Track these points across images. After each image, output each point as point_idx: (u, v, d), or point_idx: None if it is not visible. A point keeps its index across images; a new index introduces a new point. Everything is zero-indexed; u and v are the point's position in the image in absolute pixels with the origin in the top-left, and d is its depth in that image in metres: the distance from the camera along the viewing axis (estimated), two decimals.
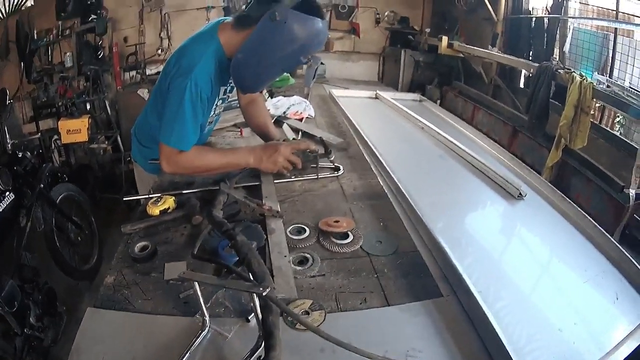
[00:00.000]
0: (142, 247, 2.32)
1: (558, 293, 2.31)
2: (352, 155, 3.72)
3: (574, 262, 2.53)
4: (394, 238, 2.49)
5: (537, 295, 2.29)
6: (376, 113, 5.30)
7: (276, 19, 2.44)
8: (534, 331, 1.99)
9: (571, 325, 2.00)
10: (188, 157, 2.76)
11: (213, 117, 3.11)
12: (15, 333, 3.37)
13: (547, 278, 2.45)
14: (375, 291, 2.08)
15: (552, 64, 4.99)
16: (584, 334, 1.97)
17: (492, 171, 3.35)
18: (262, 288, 1.62)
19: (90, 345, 1.73)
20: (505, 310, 2.01)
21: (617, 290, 2.25)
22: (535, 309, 2.17)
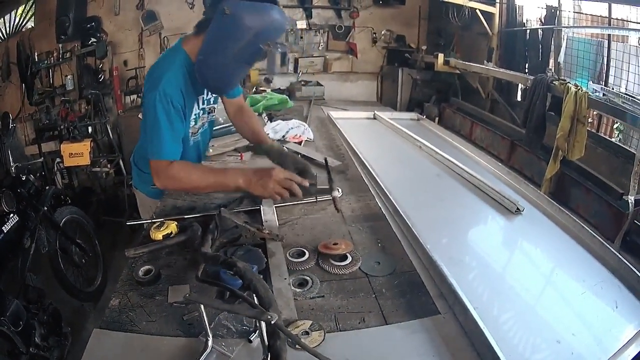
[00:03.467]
0: (146, 270, 2.36)
1: (556, 305, 2.33)
2: (350, 177, 3.76)
3: (572, 273, 2.56)
4: (392, 258, 2.53)
5: (535, 308, 2.31)
6: (374, 134, 5.32)
7: (226, 12, 2.51)
8: (532, 345, 2.01)
9: (569, 336, 2.02)
10: (175, 171, 2.79)
11: (197, 128, 3.18)
12: (21, 352, 3.40)
13: (545, 291, 2.46)
14: (373, 311, 2.12)
15: (546, 76, 5.02)
16: (583, 344, 1.99)
17: (490, 187, 3.38)
18: (270, 316, 1.64)
19: None
20: (503, 326, 2.05)
21: (616, 299, 2.27)
22: (533, 322, 2.18)
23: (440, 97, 7.55)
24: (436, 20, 8.23)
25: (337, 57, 8.61)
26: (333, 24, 8.52)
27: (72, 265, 5.15)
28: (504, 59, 6.73)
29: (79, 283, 5.15)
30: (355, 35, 8.55)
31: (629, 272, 2.41)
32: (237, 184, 2.77)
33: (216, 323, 2.01)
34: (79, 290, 5.03)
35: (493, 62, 6.63)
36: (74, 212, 5.45)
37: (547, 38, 6.19)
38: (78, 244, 5.27)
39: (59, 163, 6.91)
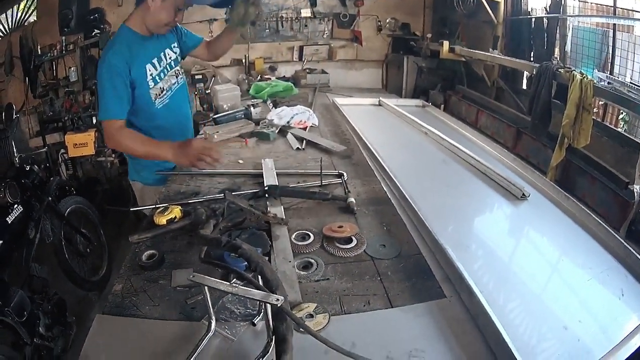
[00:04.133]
0: (149, 255, 2.36)
1: (563, 291, 2.31)
2: (355, 162, 3.75)
3: (578, 260, 2.54)
4: (397, 242, 2.51)
5: (541, 294, 2.30)
6: (379, 120, 5.30)
7: None
8: (539, 330, 2.00)
9: (576, 323, 2.00)
10: (118, 134, 3.10)
11: (160, 89, 3.38)
12: (25, 343, 3.38)
13: (552, 277, 2.45)
14: (378, 294, 2.10)
15: (552, 64, 4.99)
16: (589, 331, 1.97)
17: (495, 173, 3.36)
18: (277, 299, 1.62)
19: (98, 351, 1.77)
20: (509, 310, 2.03)
21: (622, 287, 2.24)
22: (539, 308, 2.17)
23: (445, 84, 7.52)
24: (441, 8, 8.14)
25: (341, 45, 8.53)
26: (338, 12, 8.43)
27: (77, 255, 5.12)
28: (509, 48, 6.67)
29: (84, 272, 5.12)
30: (360, 23, 8.45)
31: (635, 260, 2.38)
32: (167, 157, 3.12)
33: (219, 306, 2.00)
34: (84, 280, 5.01)
35: (498, 50, 6.59)
36: (79, 202, 5.44)
37: (553, 27, 6.14)
38: (83, 233, 5.25)
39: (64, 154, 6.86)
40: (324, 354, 1.69)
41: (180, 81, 3.60)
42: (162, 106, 3.39)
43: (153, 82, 3.29)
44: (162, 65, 3.37)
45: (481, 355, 1.76)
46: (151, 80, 3.27)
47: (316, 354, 1.71)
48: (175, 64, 3.54)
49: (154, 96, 3.30)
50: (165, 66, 3.41)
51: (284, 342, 1.59)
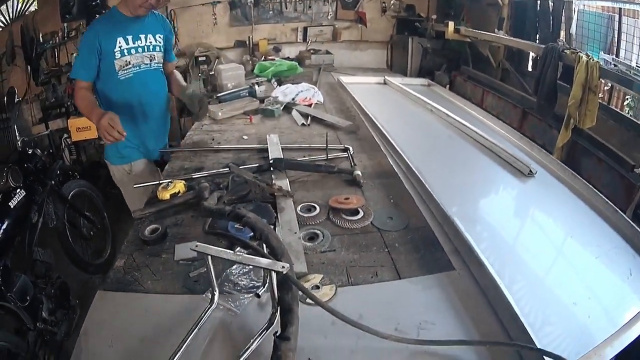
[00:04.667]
0: (152, 229, 2.33)
1: (570, 267, 2.29)
2: (361, 137, 3.74)
3: (586, 237, 2.50)
4: (405, 214, 2.49)
5: (549, 269, 2.27)
6: (385, 98, 5.27)
7: None
8: (548, 304, 1.97)
9: (586, 300, 1.98)
10: (77, 92, 3.51)
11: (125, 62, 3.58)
12: (28, 328, 3.36)
13: (559, 253, 2.42)
14: (386, 265, 2.08)
15: (558, 45, 4.95)
16: (599, 308, 1.94)
17: (502, 150, 3.32)
18: (283, 267, 1.60)
19: (98, 328, 1.75)
20: (518, 284, 2.00)
21: (630, 266, 2.21)
22: (548, 283, 2.15)
23: (450, 65, 7.42)
24: None
25: (346, 26, 8.46)
26: None
27: (81, 238, 5.12)
28: (514, 30, 6.61)
29: (88, 256, 5.13)
30: (364, 4, 8.38)
31: None
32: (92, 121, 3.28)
33: (223, 279, 1.98)
34: (88, 263, 5.01)
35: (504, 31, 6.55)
36: (82, 185, 5.43)
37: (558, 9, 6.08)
38: (86, 216, 5.23)
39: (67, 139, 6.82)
40: (330, 325, 1.67)
41: (153, 65, 3.78)
42: (124, 78, 3.59)
43: (120, 53, 3.53)
44: (136, 43, 3.62)
45: (492, 328, 1.73)
46: (118, 51, 3.52)
47: (323, 326, 1.69)
48: (153, 49, 3.75)
49: (118, 67, 3.53)
50: (141, 46, 3.66)
51: (290, 312, 1.57)
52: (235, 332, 1.73)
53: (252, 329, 1.67)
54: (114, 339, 1.68)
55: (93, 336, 1.71)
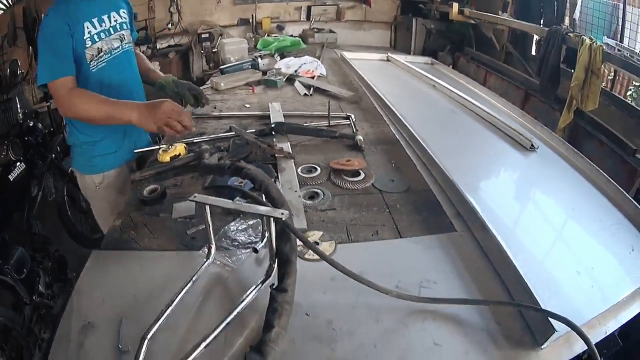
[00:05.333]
0: (151, 190, 2.33)
1: (573, 239, 2.27)
2: (363, 107, 3.73)
3: (588, 212, 2.49)
4: (406, 178, 2.49)
5: (552, 239, 2.25)
6: (388, 73, 5.24)
7: None
8: (551, 271, 1.97)
9: (589, 269, 1.96)
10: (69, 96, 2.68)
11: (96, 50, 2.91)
12: (25, 302, 3.38)
13: (561, 224, 2.40)
14: (387, 225, 2.07)
15: (562, 28, 4.95)
16: (602, 279, 1.92)
17: (504, 124, 3.31)
18: (282, 213, 1.58)
19: (91, 286, 1.74)
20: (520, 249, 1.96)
21: (632, 243, 2.19)
22: (550, 251, 2.14)
23: (454, 47, 7.46)
24: None
25: (350, 5, 8.42)
26: None
27: (79, 212, 5.13)
28: (518, 13, 6.60)
29: (86, 230, 5.10)
30: None
31: None
32: (130, 119, 2.64)
33: (221, 235, 1.96)
34: (86, 237, 4.98)
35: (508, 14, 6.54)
36: None
37: None
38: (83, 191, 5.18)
39: None
40: (329, 280, 1.67)
41: (125, 46, 3.15)
42: (96, 69, 2.93)
43: (91, 41, 2.88)
44: (103, 26, 2.98)
45: (494, 290, 1.72)
46: (89, 39, 2.87)
47: (321, 282, 1.68)
48: (121, 27, 3.12)
49: (89, 57, 2.87)
50: (108, 28, 3.02)
51: (288, 263, 1.56)
52: (231, 287, 1.72)
53: (248, 284, 1.64)
54: (106, 297, 1.67)
55: (85, 295, 1.70)
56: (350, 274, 1.55)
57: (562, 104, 4.75)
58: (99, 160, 3.08)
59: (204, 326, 1.45)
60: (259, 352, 1.28)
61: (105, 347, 1.44)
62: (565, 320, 1.43)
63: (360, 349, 1.44)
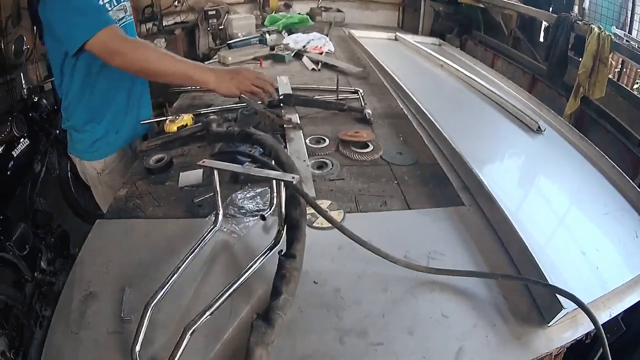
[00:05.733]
0: (157, 159, 2.32)
1: (579, 220, 2.28)
2: (371, 82, 3.73)
3: (593, 195, 2.48)
4: (414, 151, 2.49)
5: (557, 219, 2.25)
6: (396, 51, 5.22)
7: None
8: (557, 248, 1.96)
9: (594, 251, 1.95)
10: (138, 47, 2.42)
11: None
12: (27, 279, 3.39)
13: (567, 205, 2.39)
14: (395, 196, 2.08)
15: (571, 15, 4.95)
16: (607, 261, 1.91)
17: (512, 105, 3.30)
18: (292, 177, 1.57)
19: (95, 255, 1.73)
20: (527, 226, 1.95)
21: (636, 229, 2.17)
22: (556, 231, 2.13)
23: (462, 30, 7.41)
24: None
25: None
26: None
27: (83, 188, 5.02)
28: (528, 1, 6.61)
29: (90, 206, 5.07)
30: None
31: None
32: (206, 80, 2.52)
33: (228, 203, 1.96)
34: (89, 213, 5.00)
35: None
36: None
37: None
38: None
39: None
40: (337, 249, 1.68)
41: (128, 19, 2.86)
42: None
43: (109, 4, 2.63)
44: None
45: (501, 263, 1.73)
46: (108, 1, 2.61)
47: (329, 250, 1.68)
48: None
49: None
50: None
51: (297, 228, 1.55)
52: (238, 254, 1.71)
53: (256, 251, 1.64)
54: (109, 266, 1.66)
55: (88, 264, 1.69)
56: (360, 240, 1.54)
57: (568, 91, 4.76)
58: (101, 144, 2.87)
59: (209, 294, 1.44)
60: (266, 319, 1.26)
61: (107, 316, 1.44)
62: (573, 297, 1.43)
63: (367, 318, 1.45)
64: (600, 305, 1.63)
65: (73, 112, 2.80)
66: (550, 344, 1.45)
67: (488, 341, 1.40)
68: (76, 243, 4.18)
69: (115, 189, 2.42)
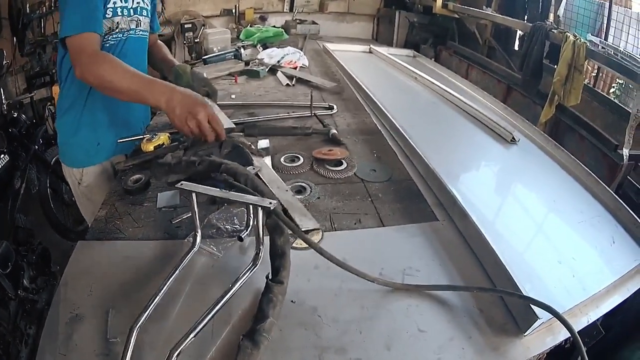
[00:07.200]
0: (135, 179, 2.31)
1: (554, 229, 2.30)
2: (345, 98, 3.76)
3: (569, 204, 2.51)
4: (388, 167, 2.51)
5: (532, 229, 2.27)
6: (370, 65, 5.28)
7: None
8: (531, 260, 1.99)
9: (570, 260, 1.98)
10: (98, 60, 2.29)
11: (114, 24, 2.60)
12: (10, 297, 3.35)
13: (542, 215, 2.42)
14: (369, 213, 2.09)
15: (546, 24, 4.99)
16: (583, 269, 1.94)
17: (486, 117, 3.34)
18: (270, 202, 1.57)
19: (78, 277, 1.72)
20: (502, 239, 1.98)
21: (613, 235, 2.22)
22: (531, 241, 2.16)
23: (436, 41, 7.48)
24: None
25: None
26: None
27: (62, 205, 5.12)
28: (503, 9, 6.63)
29: (69, 222, 5.11)
30: None
31: (626, 213, 2.36)
32: (158, 103, 2.27)
33: (205, 224, 1.95)
34: (69, 230, 4.99)
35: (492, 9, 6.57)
36: None
37: None
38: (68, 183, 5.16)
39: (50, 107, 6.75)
40: (313, 268, 1.69)
41: (138, 32, 2.82)
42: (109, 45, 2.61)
43: (112, 11, 2.58)
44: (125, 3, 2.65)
45: (476, 276, 1.75)
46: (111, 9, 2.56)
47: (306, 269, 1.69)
48: (140, 12, 2.78)
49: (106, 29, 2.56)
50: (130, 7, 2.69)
51: (283, 255, 1.56)
52: (217, 275, 1.72)
53: (234, 272, 1.64)
54: (93, 288, 1.65)
55: (72, 286, 1.68)
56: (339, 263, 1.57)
57: (543, 99, 4.79)
58: (79, 153, 2.81)
59: (192, 314, 1.44)
60: (253, 341, 1.28)
61: (93, 338, 1.44)
62: (547, 307, 1.45)
63: (345, 335, 1.46)
64: (577, 312, 1.67)
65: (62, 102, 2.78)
66: (528, 352, 1.47)
67: (464, 353, 1.42)
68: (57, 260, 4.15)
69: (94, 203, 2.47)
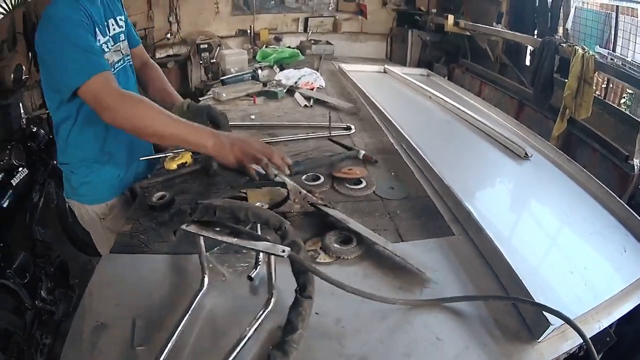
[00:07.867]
0: (160, 196, 2.36)
1: (566, 240, 2.38)
2: (362, 118, 3.82)
3: (580, 215, 2.57)
4: (405, 185, 2.58)
5: (545, 241, 2.35)
6: (385, 84, 5.32)
7: None
8: (545, 270, 2.07)
9: (582, 269, 2.06)
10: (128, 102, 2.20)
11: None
12: (27, 307, 3.40)
13: (555, 227, 2.49)
14: (389, 229, 2.16)
15: (555, 39, 5.04)
16: (595, 278, 2.01)
17: (499, 134, 3.41)
18: (283, 250, 1.48)
19: (104, 288, 1.77)
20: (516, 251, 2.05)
21: (624, 245, 2.29)
22: (544, 253, 2.23)
23: (449, 58, 7.52)
24: None
25: (346, 17, 8.52)
26: None
27: None
28: (512, 25, 6.66)
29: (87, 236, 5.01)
30: None
31: (636, 222, 2.42)
32: (206, 146, 2.24)
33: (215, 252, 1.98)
34: (87, 244, 4.83)
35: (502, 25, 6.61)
36: None
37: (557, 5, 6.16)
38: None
39: None
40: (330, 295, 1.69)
41: (125, 61, 2.76)
42: None
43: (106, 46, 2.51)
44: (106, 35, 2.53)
45: (491, 287, 1.81)
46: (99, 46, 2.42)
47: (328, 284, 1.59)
48: (118, 38, 2.67)
49: None
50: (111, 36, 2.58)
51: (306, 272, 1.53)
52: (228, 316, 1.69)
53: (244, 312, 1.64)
54: (118, 299, 1.70)
55: (98, 296, 1.72)
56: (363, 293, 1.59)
57: (555, 113, 4.83)
58: (102, 188, 2.75)
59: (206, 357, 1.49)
60: (283, 351, 1.33)
61: (119, 346, 1.49)
62: (559, 314, 1.51)
63: (367, 344, 1.52)
64: (589, 319, 1.73)
65: (71, 151, 2.67)
66: (542, 359, 1.53)
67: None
68: (75, 274, 4.23)
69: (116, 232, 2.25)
